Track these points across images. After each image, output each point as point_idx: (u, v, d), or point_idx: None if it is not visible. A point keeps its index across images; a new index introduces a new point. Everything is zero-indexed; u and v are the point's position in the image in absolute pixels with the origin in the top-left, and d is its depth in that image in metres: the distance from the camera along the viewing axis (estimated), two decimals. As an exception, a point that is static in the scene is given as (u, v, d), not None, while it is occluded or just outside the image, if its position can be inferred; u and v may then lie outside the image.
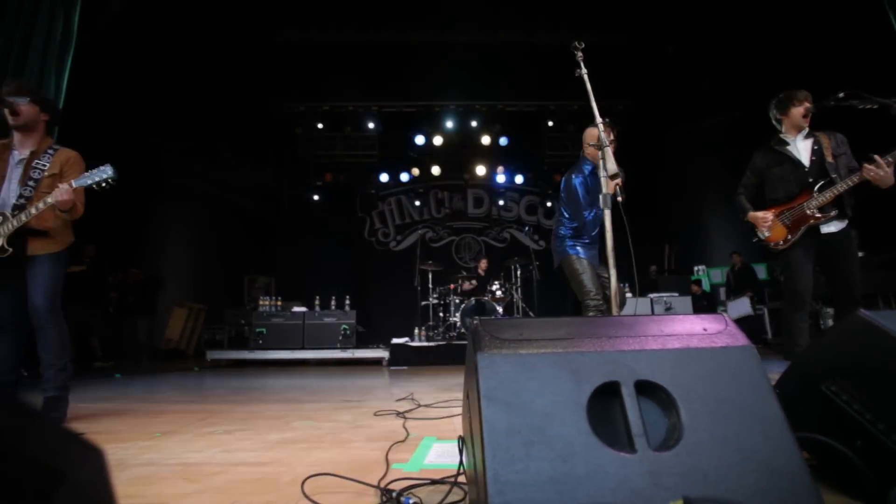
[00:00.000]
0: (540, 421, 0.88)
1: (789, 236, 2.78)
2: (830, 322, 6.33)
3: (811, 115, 2.84)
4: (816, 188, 2.72)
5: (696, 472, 0.84)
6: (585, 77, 2.08)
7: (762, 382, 0.95)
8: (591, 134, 3.04)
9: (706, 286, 8.94)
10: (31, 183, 2.43)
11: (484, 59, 7.84)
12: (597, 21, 7.05)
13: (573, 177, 3.11)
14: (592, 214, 3.02)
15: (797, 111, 2.84)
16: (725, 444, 0.87)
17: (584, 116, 9.18)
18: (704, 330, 1.06)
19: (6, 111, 2.44)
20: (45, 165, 2.47)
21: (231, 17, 6.66)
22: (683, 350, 1.00)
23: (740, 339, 1.03)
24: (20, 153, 2.48)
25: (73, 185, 2.32)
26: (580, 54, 2.12)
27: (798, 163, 2.82)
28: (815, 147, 2.81)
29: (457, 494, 1.16)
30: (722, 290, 8.69)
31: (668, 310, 6.86)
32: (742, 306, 7.50)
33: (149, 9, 6.10)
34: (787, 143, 2.89)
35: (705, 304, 8.24)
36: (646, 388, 0.95)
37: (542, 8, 6.84)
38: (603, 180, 1.89)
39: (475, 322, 1.04)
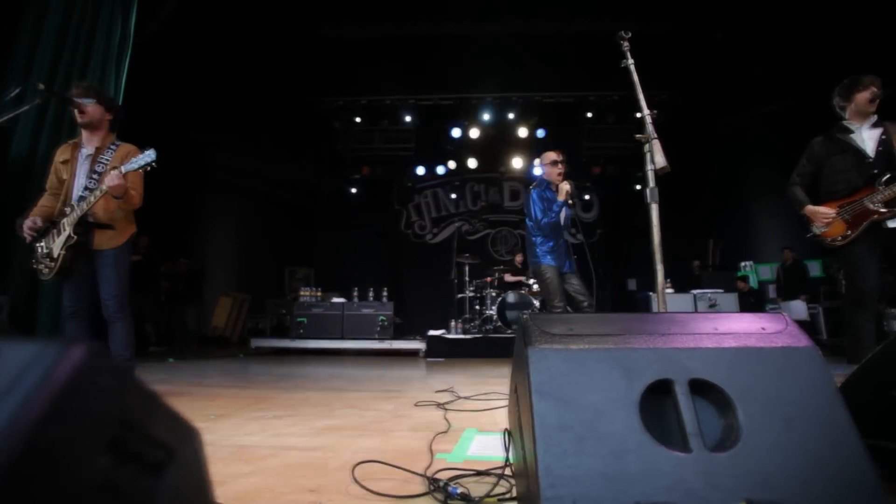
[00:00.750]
0: (591, 417, 0.88)
1: (849, 232, 2.61)
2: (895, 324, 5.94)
3: (878, 101, 2.66)
4: (882, 181, 2.54)
5: (756, 475, 0.81)
6: (632, 68, 2.02)
7: (827, 385, 0.91)
8: (546, 156, 3.68)
9: (753, 283, 8.56)
10: (94, 176, 2.60)
11: (521, 49, 7.74)
12: (640, 7, 6.81)
13: (532, 190, 3.65)
14: (547, 219, 3.48)
15: (862, 96, 2.66)
16: (788, 449, 0.84)
17: (625, 106, 8.91)
18: (763, 329, 1.02)
19: (75, 110, 2.61)
20: (107, 160, 2.63)
21: (270, 14, 6.83)
22: (741, 349, 0.97)
23: (802, 339, 0.99)
24: (87, 150, 2.66)
25: (122, 170, 2.43)
26: (626, 44, 2.06)
27: (862, 153, 2.64)
28: (883, 137, 2.62)
29: (502, 487, 1.17)
30: (771, 288, 8.30)
31: (713, 307, 6.60)
32: (797, 310, 7.11)
33: (194, 11, 6.33)
34: (851, 132, 2.70)
35: (752, 301, 7.89)
36: (700, 388, 0.93)
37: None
38: (650, 173, 1.84)
39: (524, 316, 1.04)
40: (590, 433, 0.86)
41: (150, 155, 2.41)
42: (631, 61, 2.04)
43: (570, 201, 3.46)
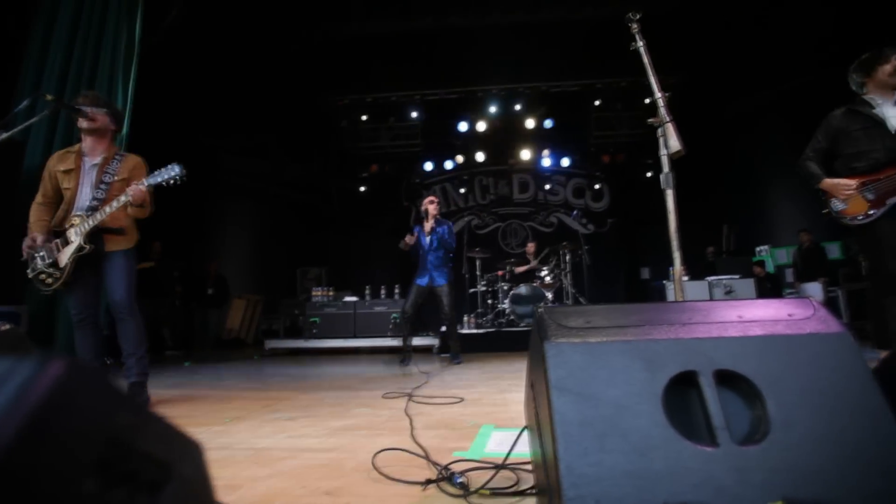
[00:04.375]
0: (613, 412, 0.85)
1: (872, 211, 2.47)
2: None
3: None
4: None
5: (790, 469, 0.77)
6: (643, 50, 1.97)
7: (862, 372, 0.87)
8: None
9: (770, 268, 8.40)
10: (102, 186, 2.60)
11: (526, 39, 7.63)
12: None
13: (448, 226, 4.79)
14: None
15: (885, 69, 2.54)
16: (822, 440, 0.80)
17: (633, 93, 8.76)
18: (790, 315, 0.98)
19: (84, 118, 2.62)
20: (115, 170, 2.64)
21: (274, 15, 6.82)
22: (767, 337, 0.93)
23: (833, 325, 0.95)
24: (91, 159, 2.66)
25: (146, 182, 2.46)
26: (635, 26, 2.01)
27: (885, 129, 2.52)
28: None
29: (509, 480, 1.15)
30: (789, 272, 8.12)
31: (729, 293, 6.49)
32: (814, 293, 6.99)
33: (199, 15, 6.35)
34: (874, 107, 2.58)
35: (769, 286, 7.73)
36: (726, 379, 0.89)
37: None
38: (664, 158, 1.79)
39: (540, 309, 1.01)
40: (612, 429, 0.83)
41: (173, 168, 2.44)
42: (641, 43, 1.99)
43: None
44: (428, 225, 4.73)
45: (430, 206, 4.78)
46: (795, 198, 8.07)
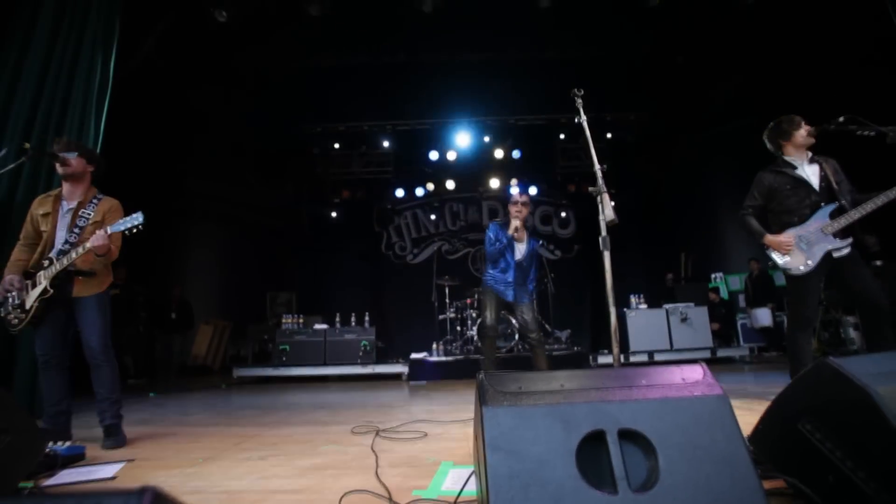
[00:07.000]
0: (536, 466, 1.04)
1: (809, 262, 2.80)
2: (851, 331, 6.28)
3: (814, 136, 2.92)
4: (829, 213, 2.78)
5: (671, 511, 0.98)
6: (585, 124, 2.23)
7: (733, 430, 1.09)
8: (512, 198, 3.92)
9: (724, 294, 8.90)
10: (76, 230, 2.67)
11: (495, 76, 8.02)
12: (604, 35, 7.15)
13: (490, 224, 4.06)
14: (491, 249, 3.84)
15: (800, 133, 2.92)
16: (697, 487, 1.01)
17: (596, 128, 9.25)
18: (683, 380, 1.20)
19: (57, 164, 2.70)
20: (89, 214, 2.72)
21: (250, 47, 6.99)
22: (663, 400, 1.14)
23: (716, 388, 1.17)
24: (69, 203, 2.73)
25: (109, 230, 2.52)
26: (579, 101, 2.27)
27: (810, 186, 2.87)
28: (822, 173, 2.88)
29: (469, 524, 1.32)
30: (741, 297, 8.64)
31: (684, 321, 6.86)
32: (763, 317, 7.49)
33: (174, 44, 6.44)
34: (795, 167, 2.94)
35: (723, 311, 8.20)
36: (629, 435, 1.10)
37: (550, 26, 6.98)
38: (602, 224, 2.03)
39: (480, 376, 1.20)
40: (534, 480, 1.02)
41: (137, 218, 2.48)
42: (584, 118, 2.25)
43: (514, 234, 3.78)
44: (515, 226, 3.76)
45: (519, 208, 3.80)
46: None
